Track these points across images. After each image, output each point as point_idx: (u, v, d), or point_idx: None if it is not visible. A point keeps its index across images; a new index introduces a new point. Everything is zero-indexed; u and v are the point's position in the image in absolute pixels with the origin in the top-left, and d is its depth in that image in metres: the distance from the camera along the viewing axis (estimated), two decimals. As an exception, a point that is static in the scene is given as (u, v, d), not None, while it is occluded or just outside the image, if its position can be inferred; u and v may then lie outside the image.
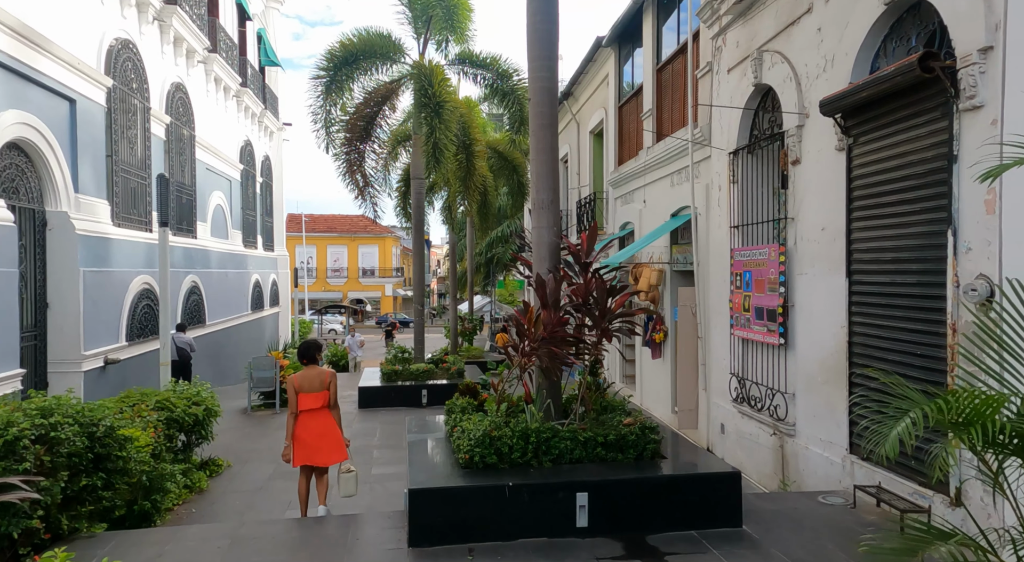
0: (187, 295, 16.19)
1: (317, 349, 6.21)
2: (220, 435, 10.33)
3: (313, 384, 5.85)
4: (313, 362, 6.06)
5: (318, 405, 5.88)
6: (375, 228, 64.36)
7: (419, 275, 13.97)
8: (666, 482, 5.04)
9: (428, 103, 12.13)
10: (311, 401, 5.86)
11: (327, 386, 5.87)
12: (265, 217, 26.20)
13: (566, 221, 19.75)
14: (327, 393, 5.89)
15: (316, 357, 6.11)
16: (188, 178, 16.92)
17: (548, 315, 5.40)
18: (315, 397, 5.86)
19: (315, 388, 5.85)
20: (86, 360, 11.16)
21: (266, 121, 25.59)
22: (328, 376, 5.92)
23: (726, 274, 8.45)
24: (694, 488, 5.05)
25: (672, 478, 5.09)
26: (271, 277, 26.09)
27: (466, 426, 5.43)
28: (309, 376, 5.89)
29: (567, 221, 19.64)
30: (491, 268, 34.73)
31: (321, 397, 5.87)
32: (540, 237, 5.90)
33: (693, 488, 5.05)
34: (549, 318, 5.39)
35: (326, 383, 5.87)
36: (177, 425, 7.38)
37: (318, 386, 5.85)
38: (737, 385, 8.15)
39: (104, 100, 12.33)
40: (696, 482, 5.08)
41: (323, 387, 5.87)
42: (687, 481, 5.09)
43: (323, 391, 5.88)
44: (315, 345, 6.26)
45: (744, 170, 8.15)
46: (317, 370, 5.98)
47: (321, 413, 5.91)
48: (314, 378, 5.88)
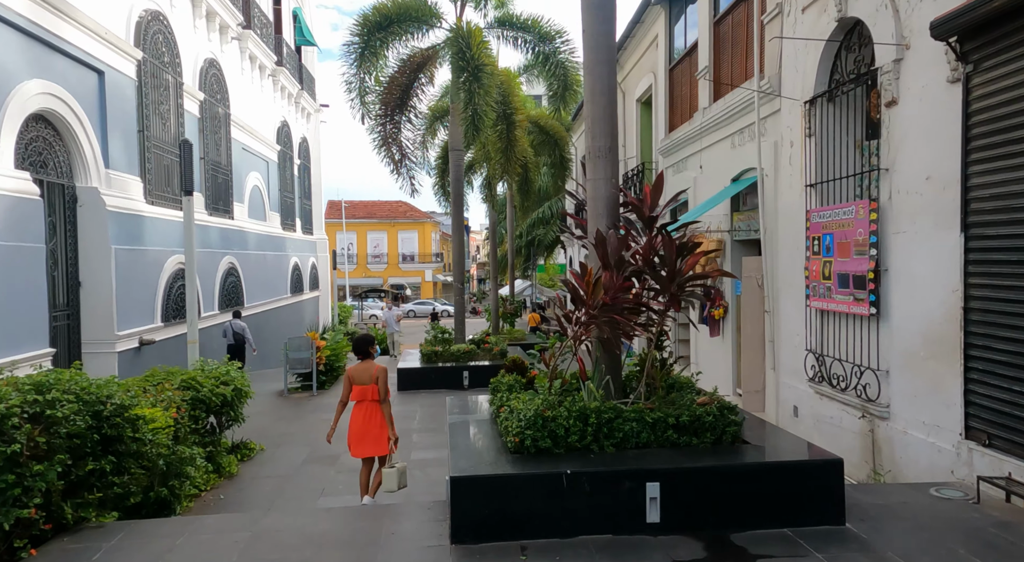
0: (224, 276, 15.90)
1: (369, 343, 6.31)
2: (254, 418, 9.90)
3: (363, 377, 6.00)
4: (367, 356, 6.18)
5: (366, 398, 6.01)
6: (414, 213, 64.24)
7: (459, 252, 13.33)
8: (753, 471, 4.26)
9: (466, 67, 11.39)
10: (360, 393, 6.02)
11: (375, 380, 5.97)
12: (304, 200, 25.93)
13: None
14: (375, 386, 5.98)
15: (369, 351, 6.23)
16: (224, 157, 16.59)
17: (610, 278, 4.65)
18: (364, 389, 6.00)
19: (364, 381, 5.99)
20: (120, 340, 10.85)
21: (303, 102, 25.22)
22: (376, 371, 6.01)
23: (800, 239, 7.55)
24: (787, 478, 4.26)
25: (760, 467, 4.30)
26: (310, 260, 25.85)
27: (515, 406, 4.73)
28: (361, 369, 6.05)
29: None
30: (532, 251, 34.03)
31: (370, 390, 5.99)
32: (596, 190, 5.14)
33: (786, 478, 4.26)
34: (611, 281, 4.63)
35: (374, 377, 5.97)
36: (203, 406, 6.89)
37: (367, 379, 5.99)
38: (815, 363, 7.28)
39: (134, 73, 11.94)
40: (789, 471, 4.29)
41: (371, 381, 5.98)
42: (778, 470, 4.29)
43: (372, 385, 5.98)
44: (368, 339, 6.36)
45: (822, 121, 7.21)
46: (369, 364, 6.11)
47: (368, 405, 6.03)
48: (364, 371, 6.02)
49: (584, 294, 4.75)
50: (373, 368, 6.00)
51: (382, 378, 6.00)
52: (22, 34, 8.97)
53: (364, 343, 6.23)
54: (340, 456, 8.14)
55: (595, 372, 5.09)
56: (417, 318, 51.46)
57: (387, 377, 6.15)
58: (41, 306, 8.94)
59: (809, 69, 7.31)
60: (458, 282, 13.22)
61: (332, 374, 13.29)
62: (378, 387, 5.95)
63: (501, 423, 4.86)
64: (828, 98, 7.12)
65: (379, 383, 5.96)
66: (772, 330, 8.47)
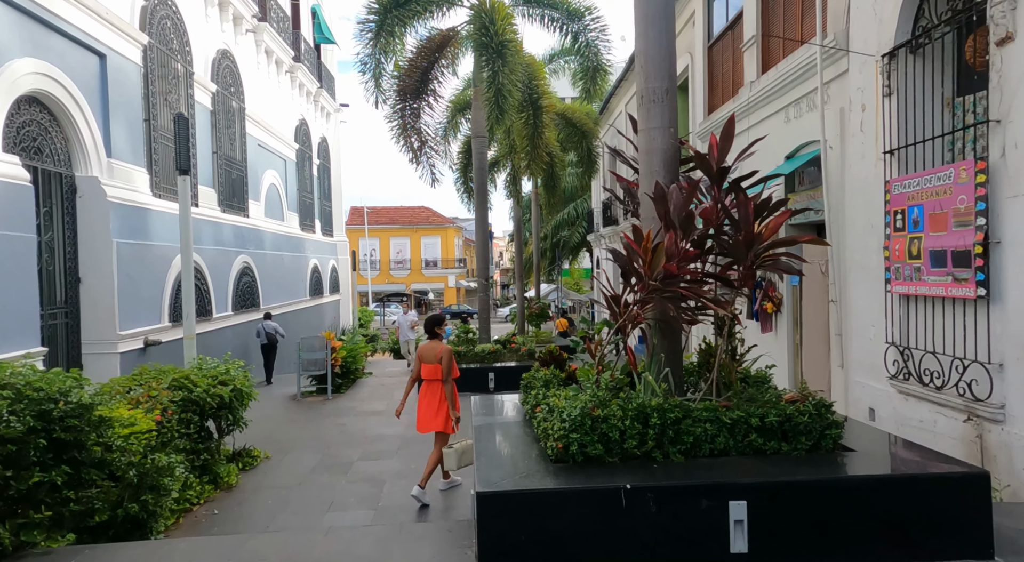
0: (238, 276, 15.23)
1: (438, 323, 6.49)
2: (262, 423, 9.11)
3: (429, 356, 6.20)
4: (435, 336, 6.38)
5: (430, 376, 6.20)
6: (437, 218, 63.74)
7: (483, 247, 12.49)
8: (868, 487, 3.29)
9: (489, 43, 10.56)
10: (426, 371, 6.22)
11: (439, 359, 6.15)
12: (323, 201, 25.34)
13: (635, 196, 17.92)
14: (439, 366, 6.16)
15: (437, 331, 6.42)
16: (238, 153, 15.96)
17: (674, 241, 3.72)
18: (429, 368, 6.20)
19: (430, 360, 6.19)
20: (123, 341, 10.16)
21: (322, 101, 24.66)
22: (441, 350, 6.18)
23: (876, 215, 6.55)
24: (912, 497, 3.28)
25: (877, 481, 3.33)
26: (330, 263, 25.22)
27: (556, 403, 3.83)
28: (428, 348, 6.25)
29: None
30: (557, 253, 33.11)
31: (434, 369, 6.17)
32: (650, 141, 4.24)
33: (911, 497, 3.28)
34: (675, 246, 3.71)
35: (439, 356, 6.15)
36: (196, 408, 6.08)
37: (432, 358, 6.18)
38: (898, 357, 6.25)
39: (140, 58, 11.32)
40: (915, 488, 3.31)
41: (436, 360, 6.16)
42: (901, 486, 3.32)
43: (436, 364, 6.16)
44: (438, 319, 6.55)
45: (904, 77, 6.22)
46: (435, 344, 6.30)
47: (433, 384, 6.21)
48: (431, 351, 6.22)
49: (642, 263, 3.82)
50: (439, 348, 6.17)
51: (446, 358, 6.15)
52: (12, 8, 8.33)
53: (433, 323, 6.44)
54: (353, 464, 7.30)
55: (651, 362, 4.16)
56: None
57: (451, 357, 6.30)
58: (31, 300, 8.25)
59: (888, 17, 6.32)
60: (482, 278, 12.36)
61: (349, 377, 12.50)
62: (441, 366, 6.13)
63: (538, 425, 3.96)
64: (911, 49, 6.13)
65: (442, 363, 6.13)
66: (839, 322, 7.44)
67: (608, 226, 22.20)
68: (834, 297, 7.44)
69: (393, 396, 11.39)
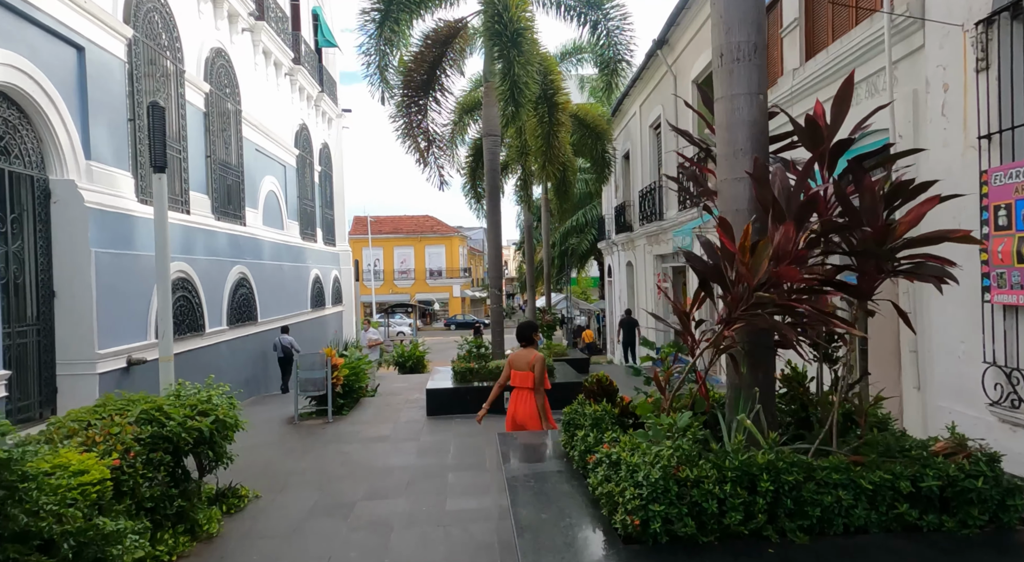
0: (234, 288, 14.30)
1: (533, 329, 6.30)
2: (254, 451, 8.14)
3: (520, 363, 5.99)
4: (530, 342, 6.19)
5: (522, 384, 5.97)
6: (441, 228, 62.98)
7: (495, 254, 11.54)
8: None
9: (503, 31, 9.66)
10: (517, 379, 6.00)
11: (531, 367, 5.92)
12: (325, 209, 24.45)
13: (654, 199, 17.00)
14: (531, 374, 5.92)
15: (532, 338, 6.23)
16: (234, 158, 15.08)
17: (786, 236, 2.75)
18: (521, 376, 5.98)
19: (522, 367, 5.97)
20: (103, 360, 9.22)
21: (323, 106, 23.83)
22: (534, 359, 5.96)
23: (966, 212, 5.58)
24: None
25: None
26: (332, 273, 24.30)
27: (623, 457, 2.85)
28: (521, 355, 6.05)
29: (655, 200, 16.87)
30: (566, 261, 32.18)
31: (526, 377, 5.94)
32: (733, 112, 3.29)
33: None
34: (787, 242, 2.74)
35: (531, 364, 5.93)
36: (168, 445, 5.12)
37: (524, 366, 5.95)
38: (1001, 380, 5.26)
39: (124, 53, 10.44)
40: None
41: (528, 368, 5.92)
42: None
43: (528, 372, 5.92)
44: (532, 326, 6.33)
45: (1004, 46, 5.27)
46: (528, 351, 6.09)
47: (525, 393, 5.97)
48: (523, 358, 6.00)
49: (736, 267, 2.85)
50: (531, 356, 5.95)
51: (539, 367, 5.90)
52: (-28, -10, 7.46)
53: (527, 329, 6.24)
54: (356, 504, 6.32)
55: (738, 398, 3.18)
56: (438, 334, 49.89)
57: (544, 366, 6.02)
58: (-9, 317, 7.32)
59: (982, -23, 5.38)
60: (495, 288, 11.40)
61: (352, 397, 11.52)
62: (533, 375, 5.88)
63: (598, 485, 2.97)
64: (1013, 13, 5.18)
65: (535, 371, 5.88)
66: (917, 337, 6.45)
67: (622, 233, 21.26)
68: (909, 308, 6.45)
69: (399, 418, 10.41)
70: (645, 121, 18.84)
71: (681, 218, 14.32)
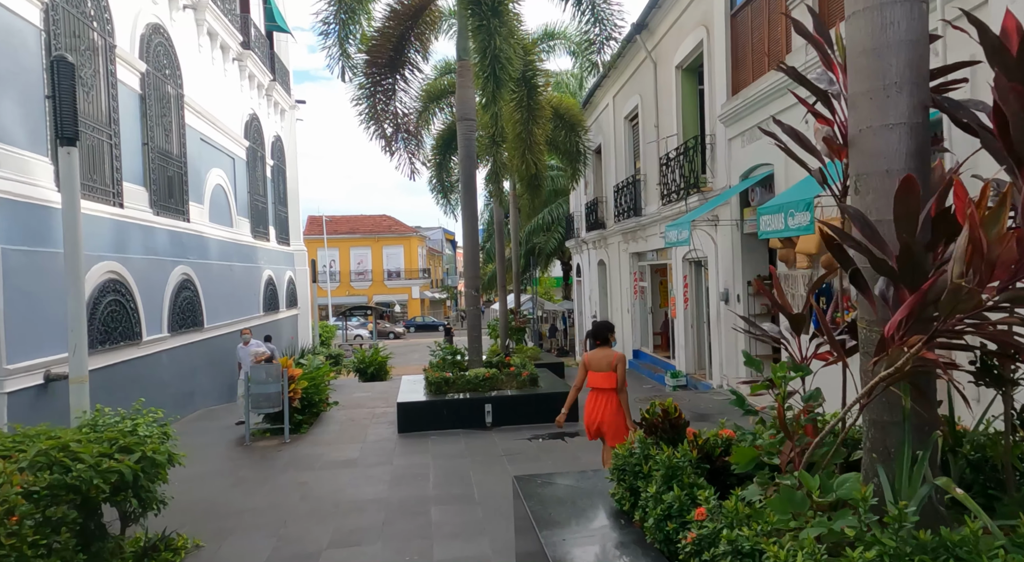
0: (177, 290, 12.85)
1: (609, 330, 6.09)
2: (199, 484, 6.90)
3: (600, 364, 5.79)
4: (605, 342, 5.95)
5: (603, 385, 5.77)
6: (399, 228, 61.47)
7: (472, 250, 10.43)
8: None
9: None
10: (597, 380, 5.79)
11: (613, 368, 5.75)
12: (278, 206, 22.93)
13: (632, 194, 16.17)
14: (614, 375, 5.74)
15: (609, 338, 6.00)
16: (175, 146, 13.61)
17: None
18: (601, 377, 5.77)
19: (602, 368, 5.78)
20: (12, 377, 7.82)
21: (275, 96, 22.31)
22: (616, 359, 5.79)
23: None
24: None
25: None
26: (287, 274, 22.80)
27: (772, 552, 1.81)
28: (599, 356, 5.83)
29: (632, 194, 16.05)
30: (532, 260, 31.24)
31: (607, 378, 5.75)
32: (883, 28, 2.28)
33: None
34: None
35: (613, 365, 5.76)
36: (76, 496, 3.90)
37: (604, 367, 5.77)
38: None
39: (38, 19, 8.99)
40: None
41: (610, 368, 5.75)
42: None
43: (610, 372, 5.74)
44: (608, 326, 6.13)
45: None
46: (607, 351, 5.88)
47: (607, 394, 5.76)
48: (602, 358, 5.80)
49: (975, 245, 1.83)
50: (612, 356, 5.79)
51: (620, 366, 5.76)
52: None
53: (603, 329, 6.04)
54: (321, 554, 5.16)
55: (903, 449, 2.19)
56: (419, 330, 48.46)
57: (626, 365, 5.86)
58: None
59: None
60: (472, 289, 10.30)
61: (311, 410, 10.27)
62: (616, 375, 5.73)
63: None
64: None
65: (617, 371, 5.74)
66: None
67: (594, 230, 20.41)
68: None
69: (367, 436, 9.23)
70: (620, 112, 18.00)
71: (665, 213, 13.48)
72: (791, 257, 8.75)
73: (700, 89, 13.01)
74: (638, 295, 17.68)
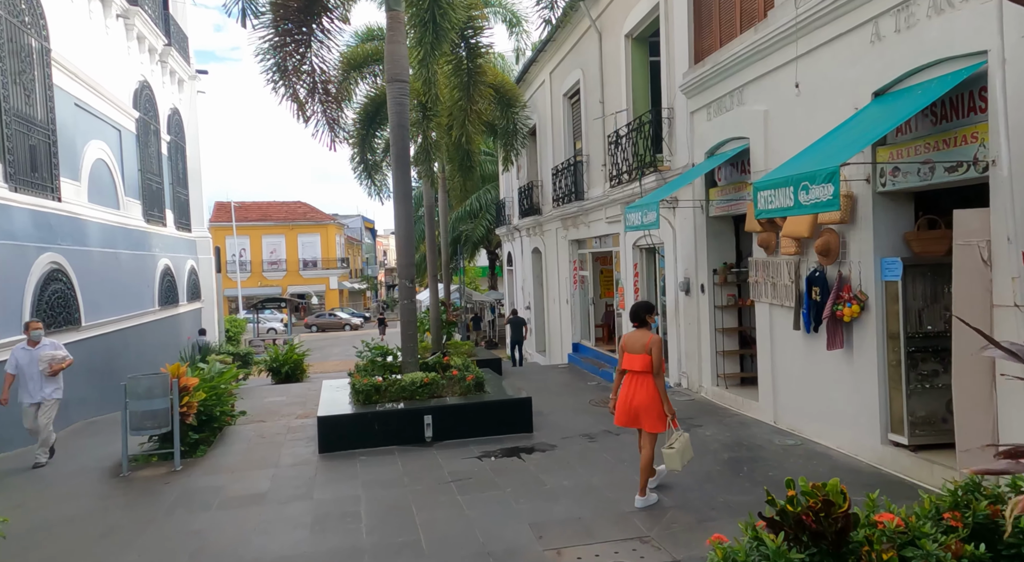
0: (43, 282, 10.69)
1: (648, 311, 5.74)
2: (47, 538, 5.21)
3: (635, 346, 5.52)
4: (643, 324, 5.66)
5: (638, 368, 5.48)
6: (316, 215, 58.48)
7: (405, 234, 8.90)
8: None
9: (420, -71, 7.07)
10: (632, 362, 5.53)
11: (648, 350, 5.44)
12: (178, 187, 20.48)
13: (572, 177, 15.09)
14: (648, 357, 5.43)
15: (647, 319, 5.69)
16: (41, 111, 11.34)
17: None
18: (636, 359, 5.50)
19: (637, 350, 5.51)
20: None
21: (171, 63, 19.81)
22: (651, 341, 5.47)
23: None
24: None
25: None
26: (188, 263, 20.43)
27: None
28: (635, 337, 5.57)
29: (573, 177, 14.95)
30: (459, 248, 29.83)
31: (642, 360, 5.46)
32: None
33: None
34: None
35: (648, 347, 5.45)
36: None
37: (639, 349, 5.49)
38: None
39: None
40: None
41: (644, 351, 5.46)
42: None
43: (644, 354, 5.45)
44: (646, 307, 5.75)
45: None
46: (644, 333, 5.59)
47: (641, 378, 5.49)
48: (638, 340, 5.52)
49: None
50: (647, 338, 5.51)
51: (656, 349, 5.45)
52: None
53: (642, 310, 5.71)
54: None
55: None
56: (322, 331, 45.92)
57: (662, 348, 5.52)
58: None
59: None
60: (406, 278, 8.81)
61: (212, 426, 8.55)
62: (651, 358, 5.43)
63: None
64: None
65: (652, 354, 5.43)
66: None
67: (528, 216, 19.20)
68: (1019, 300, 4.70)
69: (281, 457, 7.64)
70: (558, 90, 16.80)
71: (614, 195, 12.39)
72: (772, 242, 7.78)
73: (653, 61, 11.96)
74: (578, 285, 16.62)
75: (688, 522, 5.18)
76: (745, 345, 9.73)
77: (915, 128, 5.77)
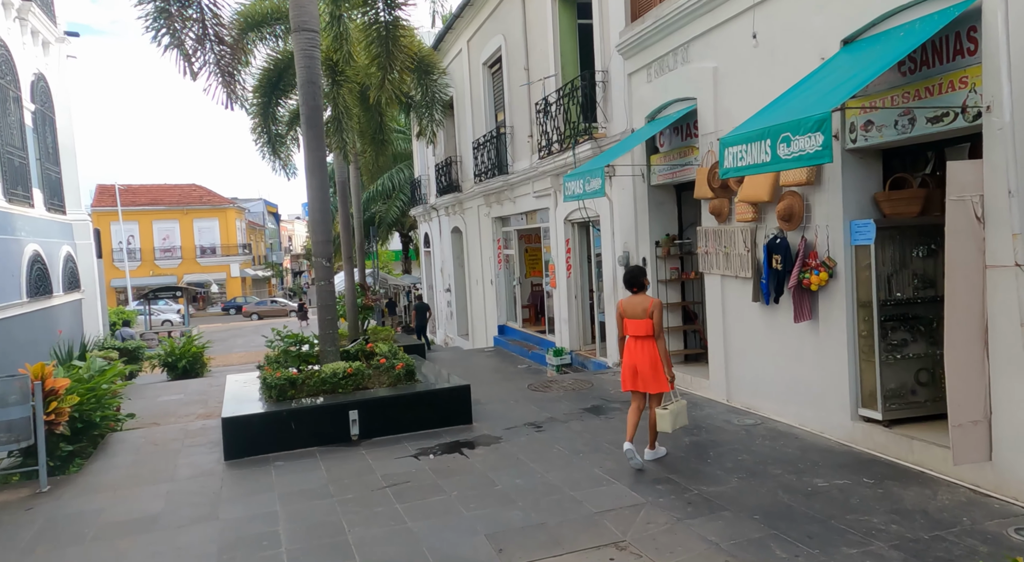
0: None
1: (642, 274, 5.75)
2: None
3: (636, 311, 5.59)
4: (641, 288, 5.69)
5: (640, 333, 5.56)
6: (213, 198, 54.83)
7: (320, 207, 7.76)
8: None
9: None
10: (634, 327, 5.60)
11: (649, 314, 5.52)
12: (47, 164, 18.08)
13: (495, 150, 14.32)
14: (650, 321, 5.53)
15: (643, 283, 5.71)
16: None
17: None
18: (638, 324, 5.57)
19: (638, 315, 5.57)
20: None
21: (33, 21, 17.35)
22: (652, 305, 5.55)
23: None
24: None
25: None
26: (63, 249, 18.13)
27: None
28: (634, 302, 5.64)
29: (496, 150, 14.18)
30: (372, 230, 28.42)
31: (644, 325, 5.54)
32: None
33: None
34: None
35: (648, 311, 5.53)
36: None
37: (640, 313, 5.56)
38: None
39: None
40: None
41: (646, 315, 5.54)
42: None
43: (646, 319, 5.53)
44: (640, 270, 5.77)
45: None
46: (642, 297, 5.64)
47: (645, 342, 5.56)
48: (637, 305, 5.60)
49: None
50: (648, 302, 5.57)
51: (657, 312, 5.54)
52: None
53: (638, 274, 5.74)
54: None
55: None
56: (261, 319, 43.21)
57: (662, 311, 5.67)
58: None
59: None
60: (322, 257, 7.73)
61: (90, 435, 7.22)
62: (651, 322, 5.52)
63: None
64: None
65: (653, 318, 5.52)
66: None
67: (447, 194, 18.23)
68: (1020, 259, 4.30)
69: (177, 469, 6.46)
70: (477, 59, 15.88)
71: (543, 167, 11.67)
72: (725, 208, 7.28)
73: (583, 23, 11.28)
74: (502, 264, 15.88)
75: (665, 521, 4.55)
76: (688, 321, 9.29)
77: (891, 77, 5.32)
